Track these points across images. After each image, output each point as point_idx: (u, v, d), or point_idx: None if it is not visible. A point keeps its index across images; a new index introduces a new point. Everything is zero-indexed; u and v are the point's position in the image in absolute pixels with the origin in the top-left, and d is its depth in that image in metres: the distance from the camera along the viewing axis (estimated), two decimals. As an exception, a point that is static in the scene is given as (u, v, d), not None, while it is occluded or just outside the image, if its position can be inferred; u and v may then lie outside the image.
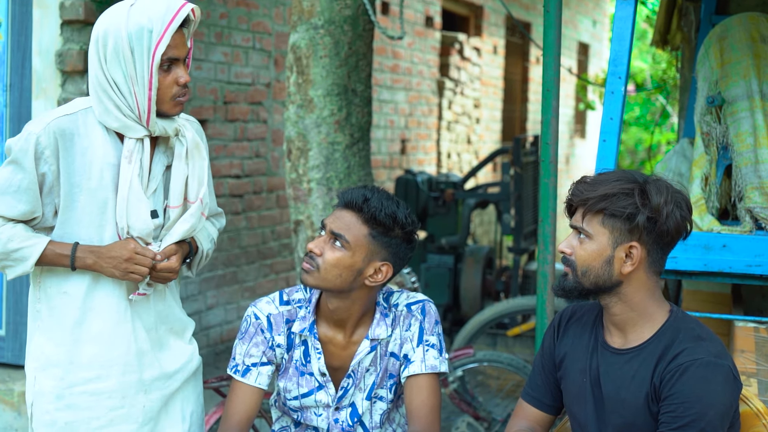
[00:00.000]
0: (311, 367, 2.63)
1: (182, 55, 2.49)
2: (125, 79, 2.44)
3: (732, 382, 2.18)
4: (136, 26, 2.41)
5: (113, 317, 2.56)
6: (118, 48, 2.43)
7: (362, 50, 4.19)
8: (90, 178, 2.49)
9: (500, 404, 5.48)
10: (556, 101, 2.94)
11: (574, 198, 2.28)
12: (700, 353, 2.18)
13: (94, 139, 2.50)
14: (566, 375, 2.40)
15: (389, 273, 2.56)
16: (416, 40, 8.53)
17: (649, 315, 2.27)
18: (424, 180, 6.65)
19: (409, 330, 2.63)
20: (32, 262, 2.48)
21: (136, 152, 2.50)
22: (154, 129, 2.51)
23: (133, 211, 2.50)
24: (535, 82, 11.64)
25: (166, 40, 2.42)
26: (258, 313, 2.65)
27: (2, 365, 4.85)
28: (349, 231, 2.51)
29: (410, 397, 2.60)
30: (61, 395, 2.55)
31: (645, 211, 2.19)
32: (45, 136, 2.45)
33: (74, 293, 2.54)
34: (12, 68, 4.64)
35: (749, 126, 3.31)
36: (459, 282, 6.43)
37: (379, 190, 2.58)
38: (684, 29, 5.23)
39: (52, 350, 2.56)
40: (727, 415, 2.18)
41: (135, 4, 2.46)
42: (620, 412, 2.26)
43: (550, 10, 2.92)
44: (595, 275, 2.25)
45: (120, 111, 2.47)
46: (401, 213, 2.54)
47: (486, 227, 9.68)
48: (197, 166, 2.60)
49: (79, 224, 2.51)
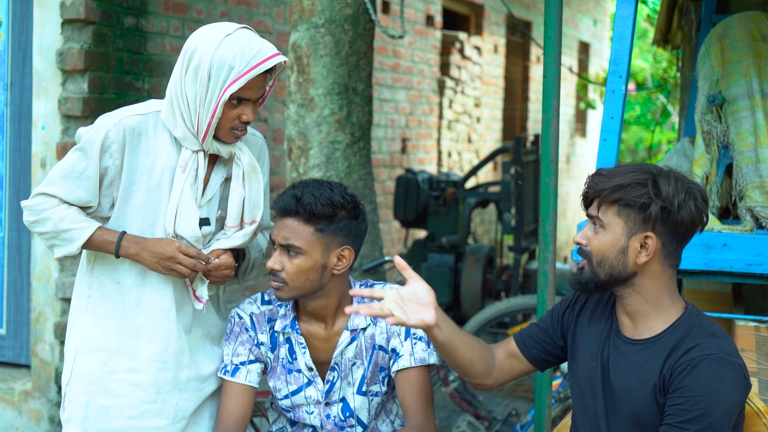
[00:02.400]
0: (298, 363, 2.65)
1: (255, 97, 2.55)
2: (195, 98, 2.52)
3: (742, 381, 2.18)
4: (221, 58, 2.47)
5: (157, 314, 2.63)
6: (198, 69, 2.50)
7: (363, 49, 4.19)
8: (151, 177, 2.58)
9: (501, 403, 5.48)
10: (557, 100, 2.94)
11: (590, 189, 2.29)
12: (713, 349, 2.18)
13: (161, 141, 2.59)
14: (576, 357, 2.40)
15: (351, 255, 2.58)
16: (417, 39, 8.53)
17: (663, 308, 2.28)
18: (425, 179, 6.65)
19: None
20: (79, 244, 2.56)
21: (192, 162, 2.58)
22: (209, 148, 2.58)
23: (182, 219, 2.58)
24: (536, 81, 11.64)
25: (241, 83, 2.47)
26: (241, 313, 2.70)
27: (3, 364, 4.85)
28: (296, 237, 2.54)
29: (403, 392, 2.61)
30: (102, 379, 2.63)
31: (658, 201, 2.20)
32: (114, 131, 2.54)
33: (126, 284, 2.63)
34: (13, 67, 4.65)
35: (750, 125, 3.31)
36: (459, 281, 6.43)
37: (307, 183, 2.59)
38: (685, 28, 5.23)
39: (100, 335, 2.64)
40: (735, 413, 2.18)
41: (232, 34, 2.51)
42: (627, 400, 2.26)
43: (551, 9, 2.92)
44: (610, 265, 2.25)
45: (184, 121, 2.55)
46: (336, 195, 2.55)
47: (486, 226, 9.68)
48: (254, 189, 2.66)
49: (133, 219, 2.60)
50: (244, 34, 2.53)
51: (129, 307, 2.63)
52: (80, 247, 2.57)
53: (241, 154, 2.63)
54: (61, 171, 2.57)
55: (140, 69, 4.86)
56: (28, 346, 4.72)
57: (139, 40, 4.85)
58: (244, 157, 2.64)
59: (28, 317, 4.70)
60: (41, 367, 4.63)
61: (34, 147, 4.58)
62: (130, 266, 2.62)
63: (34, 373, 4.65)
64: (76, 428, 2.65)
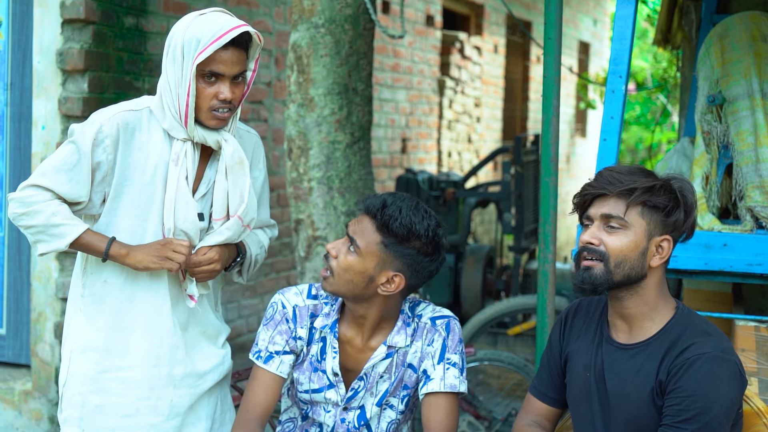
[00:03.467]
0: (325, 365, 2.62)
1: (230, 73, 2.54)
2: (175, 80, 2.54)
3: (738, 378, 2.18)
4: (191, 34, 2.51)
5: (150, 310, 2.64)
6: (175, 50, 2.53)
7: (363, 49, 4.19)
8: (144, 172, 2.58)
9: (501, 403, 5.48)
10: (557, 100, 2.94)
11: (611, 187, 2.26)
12: (707, 348, 2.18)
13: (154, 136, 2.60)
14: (571, 370, 2.41)
15: (401, 284, 2.51)
16: (417, 39, 8.53)
17: (658, 310, 2.29)
18: (425, 179, 6.65)
19: (431, 345, 2.59)
20: (68, 240, 2.55)
21: (183, 155, 2.58)
22: (193, 135, 2.58)
23: (181, 212, 2.58)
24: (536, 81, 11.64)
25: (207, 53, 2.48)
26: (285, 303, 2.64)
27: (3, 364, 4.85)
28: (362, 236, 2.49)
29: (428, 416, 2.56)
30: (95, 379, 2.63)
31: (682, 208, 2.25)
32: (108, 126, 2.55)
33: (114, 283, 2.63)
34: (13, 67, 4.64)
35: (750, 125, 3.31)
36: (460, 281, 6.43)
37: (405, 198, 2.51)
38: (685, 28, 5.23)
39: (92, 335, 2.64)
40: (732, 410, 2.18)
41: (205, 14, 2.56)
42: (625, 407, 2.26)
43: (551, 9, 2.92)
44: (630, 266, 2.24)
45: (169, 110, 2.57)
46: (422, 225, 2.46)
47: (487, 226, 9.68)
48: (239, 183, 2.63)
49: (125, 215, 2.60)
50: (216, 13, 2.56)
51: (122, 305, 2.63)
52: (68, 244, 2.55)
53: (226, 146, 2.61)
54: (53, 163, 2.55)
55: (140, 69, 4.86)
56: (28, 346, 4.72)
57: (139, 40, 4.85)
58: (228, 148, 2.61)
59: (28, 317, 4.70)
60: (41, 367, 4.63)
61: (34, 147, 4.58)
62: (119, 265, 2.62)
63: (34, 373, 4.65)
64: (73, 429, 2.65)
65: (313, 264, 4.16)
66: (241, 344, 6.25)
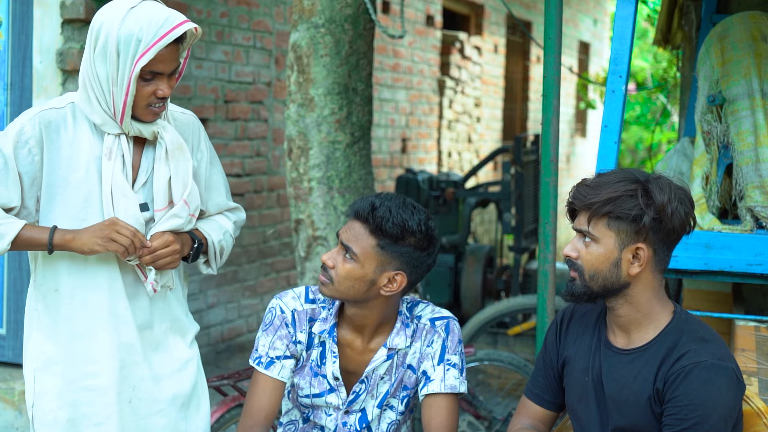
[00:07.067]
0: (325, 369, 2.61)
1: (168, 70, 2.47)
2: (107, 77, 2.45)
3: (735, 384, 2.18)
4: (128, 31, 2.40)
5: (103, 312, 2.55)
6: (106, 47, 2.43)
7: (363, 49, 4.19)
8: (77, 170, 2.50)
9: (501, 403, 5.48)
10: (557, 100, 2.94)
11: (577, 202, 2.26)
12: (703, 355, 2.17)
13: (81, 132, 2.52)
14: (569, 374, 2.40)
15: (404, 282, 2.51)
16: (417, 38, 8.53)
17: (653, 315, 2.27)
18: (425, 179, 6.65)
19: (431, 346, 2.59)
20: (9, 239, 2.46)
21: (116, 148, 2.51)
22: (128, 130, 2.51)
23: (120, 206, 2.50)
24: (536, 81, 11.64)
25: (150, 54, 2.40)
26: (283, 307, 2.62)
27: (3, 364, 4.85)
28: (357, 243, 2.48)
29: (428, 417, 2.56)
30: (62, 393, 2.56)
31: (650, 212, 2.18)
32: (30, 126, 2.48)
33: (64, 290, 2.56)
34: (13, 67, 4.64)
35: (750, 125, 3.31)
36: (460, 281, 6.43)
37: (391, 197, 2.51)
38: (685, 28, 5.23)
39: (51, 348, 2.57)
40: (731, 417, 2.17)
41: (136, 6, 2.44)
42: (622, 412, 2.26)
43: (551, 9, 2.92)
44: (604, 278, 2.23)
45: (99, 104, 2.48)
46: (413, 221, 2.46)
47: (487, 226, 9.68)
48: (181, 168, 2.57)
49: (62, 217, 2.51)
50: (149, 4, 2.45)
51: (76, 311, 2.55)
52: (10, 243, 2.47)
53: (164, 133, 2.54)
54: None
55: (140, 69, 4.86)
56: (28, 346, 4.72)
57: (139, 40, 4.84)
58: (167, 135, 2.55)
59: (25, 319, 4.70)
60: (41, 367, 4.63)
61: (34, 147, 4.58)
62: (69, 269, 2.54)
63: (34, 373, 4.65)
64: None
65: (313, 264, 4.16)
66: (240, 344, 6.26)
